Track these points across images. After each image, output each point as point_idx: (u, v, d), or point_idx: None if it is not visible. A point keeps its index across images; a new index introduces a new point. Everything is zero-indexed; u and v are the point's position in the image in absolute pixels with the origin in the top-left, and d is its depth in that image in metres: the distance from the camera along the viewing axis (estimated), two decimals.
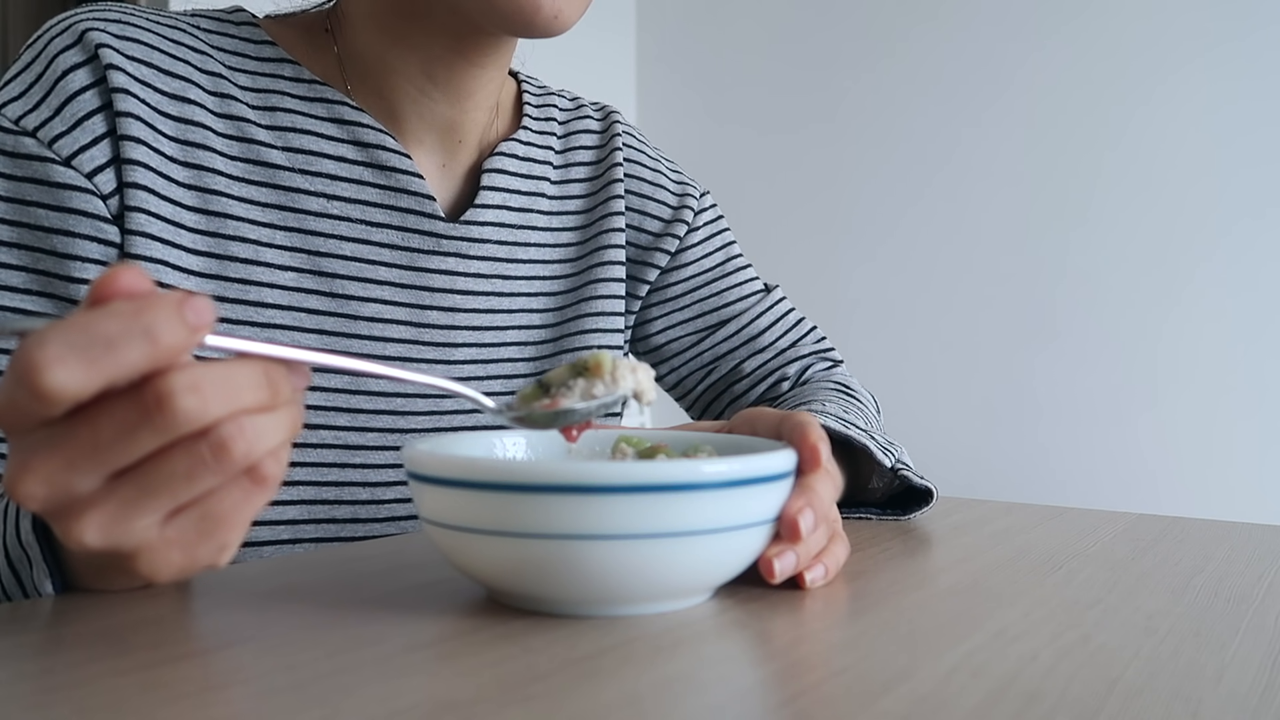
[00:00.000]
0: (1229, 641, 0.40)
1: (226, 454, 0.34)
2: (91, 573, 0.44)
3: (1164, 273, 2.39)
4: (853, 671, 0.36)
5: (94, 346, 0.31)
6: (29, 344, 0.31)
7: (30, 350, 0.31)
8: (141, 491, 0.34)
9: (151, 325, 0.32)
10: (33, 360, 0.31)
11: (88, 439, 0.33)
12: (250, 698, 0.32)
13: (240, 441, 0.34)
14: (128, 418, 0.33)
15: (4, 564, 0.47)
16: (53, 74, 0.61)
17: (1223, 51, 2.33)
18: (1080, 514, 0.69)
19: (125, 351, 0.32)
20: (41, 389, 0.31)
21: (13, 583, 0.47)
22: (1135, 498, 2.36)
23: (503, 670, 0.35)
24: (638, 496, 0.39)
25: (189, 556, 0.36)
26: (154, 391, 0.32)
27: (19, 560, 0.46)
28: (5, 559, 0.47)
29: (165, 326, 0.32)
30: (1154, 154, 2.40)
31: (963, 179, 2.61)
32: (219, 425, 0.34)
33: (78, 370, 0.31)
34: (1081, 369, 2.46)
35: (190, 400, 0.33)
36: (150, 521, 0.35)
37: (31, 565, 0.45)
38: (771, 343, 0.85)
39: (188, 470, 0.34)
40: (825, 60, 2.80)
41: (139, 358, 0.32)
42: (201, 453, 0.34)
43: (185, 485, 0.34)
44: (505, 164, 0.76)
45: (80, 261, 0.60)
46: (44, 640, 0.39)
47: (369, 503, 0.68)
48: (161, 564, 0.36)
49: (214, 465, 0.34)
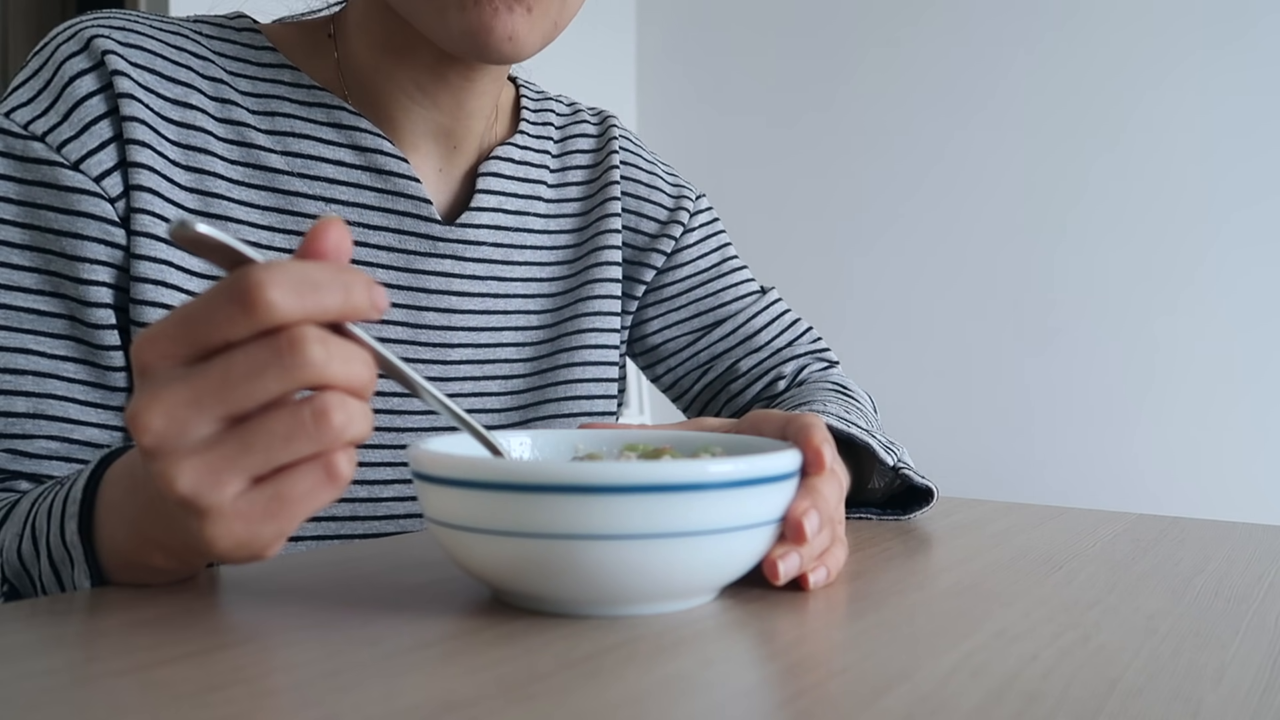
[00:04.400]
0: (1229, 642, 0.40)
1: (326, 422, 0.37)
2: (120, 570, 0.46)
3: (1163, 273, 2.39)
4: (853, 671, 0.36)
5: (305, 284, 0.36)
6: (253, 269, 0.35)
7: (254, 273, 0.35)
8: (242, 446, 0.37)
9: (350, 284, 0.37)
10: (257, 279, 0.35)
11: (219, 375, 0.36)
12: (250, 698, 0.32)
13: (340, 413, 0.37)
14: (260, 356, 0.36)
15: (46, 562, 0.48)
16: (60, 79, 0.62)
17: (1218, 51, 2.33)
18: (1080, 514, 0.69)
19: (326, 296, 0.36)
20: (258, 302, 0.35)
21: (52, 581, 0.48)
22: (1135, 498, 2.36)
23: (504, 670, 0.35)
24: (642, 496, 0.39)
25: (250, 532, 0.38)
26: (289, 335, 0.36)
27: (61, 560, 0.48)
28: (48, 558, 0.48)
29: (358, 291, 0.37)
30: (1152, 153, 2.40)
31: (962, 178, 2.61)
32: (322, 395, 0.37)
33: (291, 296, 0.35)
34: (1081, 369, 2.46)
35: (317, 349, 0.36)
36: (237, 481, 0.37)
37: (73, 565, 0.47)
38: (767, 342, 0.85)
39: (288, 431, 0.37)
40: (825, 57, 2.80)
41: (334, 305, 0.37)
42: (303, 416, 0.37)
43: (282, 446, 0.37)
44: (502, 168, 0.76)
45: (89, 263, 0.61)
46: (44, 640, 0.39)
47: (368, 500, 0.68)
48: (224, 532, 0.38)
49: (313, 431, 0.37)
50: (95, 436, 0.61)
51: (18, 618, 0.41)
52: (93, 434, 0.61)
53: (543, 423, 0.76)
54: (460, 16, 0.60)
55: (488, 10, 0.60)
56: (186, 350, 0.37)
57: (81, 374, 0.61)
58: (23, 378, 0.60)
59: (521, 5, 0.61)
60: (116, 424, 0.62)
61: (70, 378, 0.61)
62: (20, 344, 0.60)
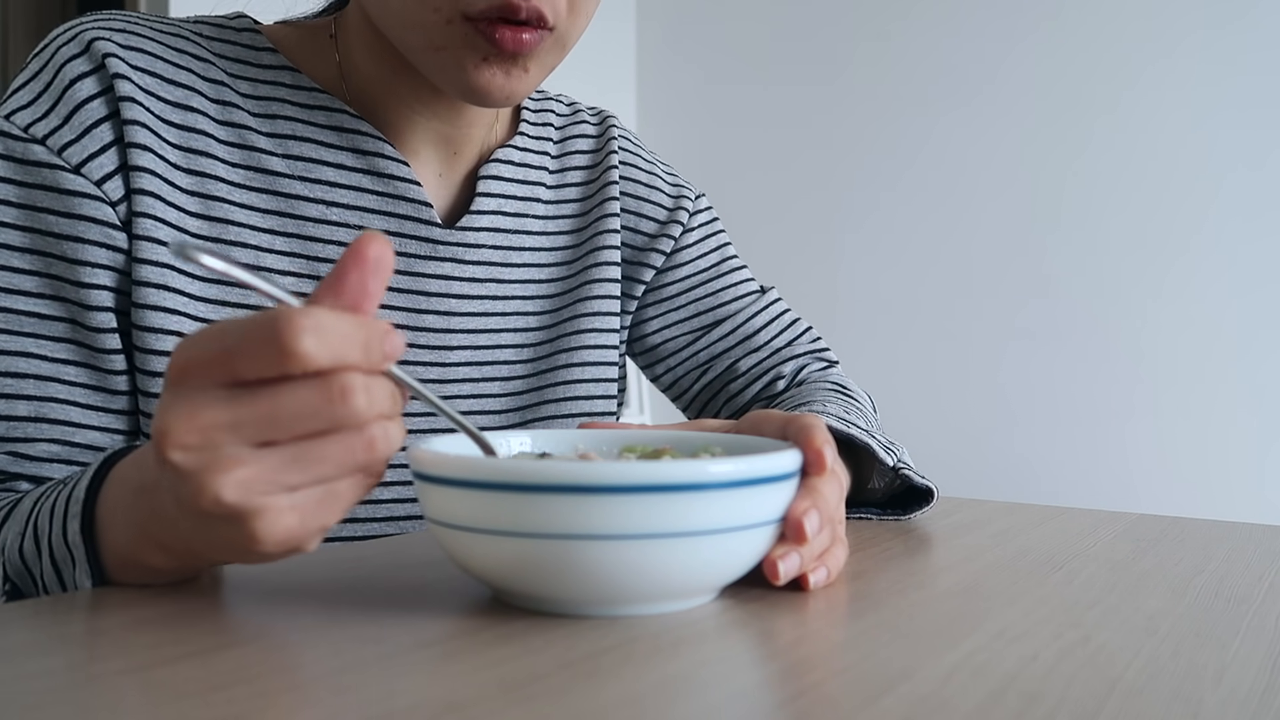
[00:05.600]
0: (1229, 642, 0.40)
1: (375, 452, 0.39)
2: (119, 569, 0.47)
3: (1164, 272, 2.39)
4: (853, 671, 0.36)
5: (335, 334, 0.38)
6: (292, 312, 0.37)
7: (293, 317, 0.37)
8: (295, 464, 0.38)
9: (369, 340, 0.39)
10: (297, 324, 0.37)
11: (266, 408, 0.38)
12: (250, 698, 0.32)
13: (384, 444, 0.39)
14: (312, 400, 0.38)
15: (48, 561, 0.49)
16: (60, 82, 0.62)
17: (1216, 51, 2.33)
18: (1080, 514, 0.69)
19: (348, 348, 0.38)
20: (294, 348, 0.37)
21: (54, 580, 0.49)
22: (1135, 498, 2.36)
23: (504, 670, 0.35)
24: (643, 496, 0.39)
25: (303, 525, 0.40)
26: (340, 384, 0.38)
27: (63, 559, 0.48)
28: (49, 557, 0.48)
29: (374, 344, 0.39)
30: (1153, 153, 2.40)
31: (964, 178, 2.61)
32: (371, 425, 0.39)
33: (322, 346, 0.37)
34: (1081, 369, 2.46)
35: (363, 399, 0.38)
36: (284, 489, 0.39)
37: (75, 565, 0.47)
38: (766, 342, 0.85)
39: (341, 457, 0.39)
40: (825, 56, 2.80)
41: (354, 358, 0.38)
42: (356, 446, 0.39)
43: (335, 468, 0.39)
44: (501, 170, 0.76)
45: (90, 267, 0.61)
46: (44, 640, 0.39)
47: (367, 502, 0.68)
48: (279, 526, 0.39)
49: (363, 456, 0.39)
50: (96, 439, 0.61)
51: (19, 617, 0.41)
52: (94, 437, 0.61)
53: (542, 423, 0.76)
54: (458, 75, 0.62)
55: (486, 74, 0.61)
56: (222, 377, 0.38)
57: (83, 377, 0.61)
58: (24, 381, 0.60)
59: (519, 67, 0.62)
60: (117, 427, 0.62)
61: (71, 381, 0.61)
62: (21, 347, 0.60)
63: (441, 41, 0.61)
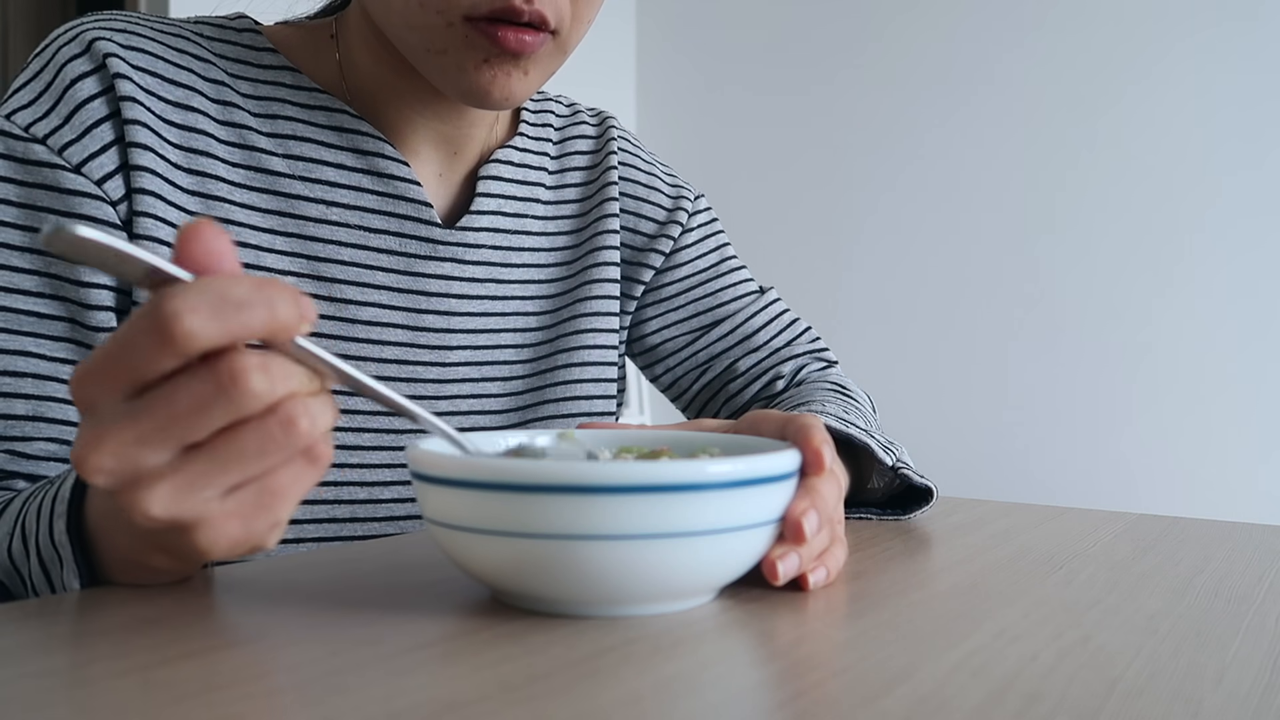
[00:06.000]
0: (1230, 642, 0.40)
1: (295, 430, 0.36)
2: (119, 570, 0.46)
3: (1164, 272, 2.39)
4: (853, 671, 0.36)
5: (226, 305, 0.34)
6: (168, 294, 0.34)
7: (169, 300, 0.34)
8: (213, 464, 0.36)
9: (274, 299, 0.35)
10: (173, 308, 0.33)
11: (163, 412, 0.35)
12: (250, 698, 0.32)
13: (305, 419, 0.36)
14: (203, 392, 0.35)
15: (35, 562, 0.48)
16: (61, 82, 0.62)
17: (1217, 51, 2.33)
18: (1080, 514, 0.69)
19: (250, 315, 0.34)
20: (176, 333, 0.33)
21: (42, 580, 0.48)
22: (1135, 498, 2.36)
23: (503, 670, 0.35)
24: (641, 497, 0.39)
25: (247, 529, 0.38)
26: (228, 368, 0.35)
27: (50, 560, 0.47)
28: (37, 557, 0.48)
29: (283, 305, 0.35)
30: (1154, 153, 2.40)
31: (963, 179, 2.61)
32: (283, 404, 0.36)
33: (210, 322, 0.34)
34: (1082, 370, 2.46)
35: (259, 379, 0.35)
36: (215, 494, 0.37)
37: (62, 565, 0.47)
38: (766, 342, 0.85)
39: (259, 446, 0.36)
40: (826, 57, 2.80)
41: (259, 324, 0.35)
42: (271, 429, 0.36)
43: (256, 460, 0.36)
44: (501, 171, 0.76)
45: (90, 267, 0.60)
46: (45, 640, 0.39)
47: (367, 502, 0.68)
48: (220, 536, 0.38)
49: (283, 441, 0.36)
50: None
51: (19, 617, 0.41)
52: None
53: (542, 424, 0.76)
54: (459, 77, 0.62)
55: (486, 76, 0.62)
56: (121, 384, 0.36)
57: None
58: (22, 380, 0.60)
59: (519, 69, 0.62)
60: None
61: (70, 380, 0.61)
62: (20, 346, 0.60)
63: (442, 44, 0.61)
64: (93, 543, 0.46)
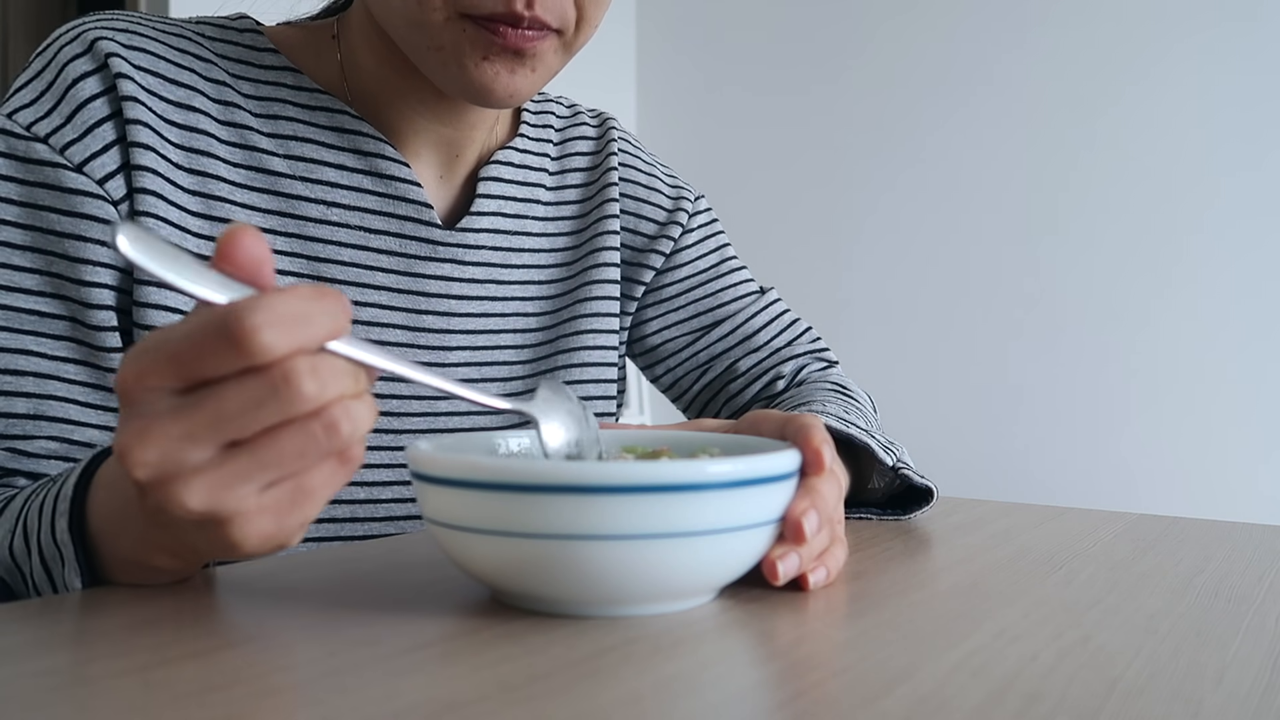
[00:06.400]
0: (1230, 642, 0.40)
1: (336, 433, 0.37)
2: (120, 569, 0.46)
3: (1164, 272, 2.39)
4: (853, 671, 0.36)
5: (296, 320, 0.36)
6: (242, 309, 0.35)
7: (244, 314, 0.35)
8: (253, 462, 0.37)
9: (334, 309, 0.37)
10: (253, 323, 0.35)
11: (213, 410, 0.36)
12: (250, 698, 0.32)
13: (347, 423, 0.38)
14: (256, 393, 0.36)
15: (37, 560, 0.48)
16: (63, 82, 0.62)
17: (1217, 51, 2.33)
18: (1080, 514, 0.69)
19: (317, 328, 0.37)
20: (254, 346, 0.35)
21: (43, 578, 0.48)
22: (1134, 498, 2.36)
23: (503, 670, 0.35)
24: (641, 497, 0.39)
25: (279, 525, 0.39)
26: (282, 371, 0.36)
27: (52, 558, 0.47)
28: (39, 555, 0.48)
29: (341, 316, 0.38)
30: (1154, 153, 2.40)
31: (963, 179, 2.61)
32: (329, 407, 0.37)
33: (284, 337, 0.36)
34: (1082, 370, 2.46)
35: (310, 383, 0.36)
36: (252, 490, 0.38)
37: (64, 563, 0.47)
38: (766, 342, 0.85)
39: (300, 447, 0.37)
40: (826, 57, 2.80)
41: (324, 335, 0.37)
42: (314, 431, 0.37)
43: (295, 460, 0.38)
44: (501, 172, 0.76)
45: (91, 265, 0.61)
46: (45, 640, 0.39)
47: (366, 502, 0.68)
48: (253, 531, 0.38)
49: (324, 443, 0.37)
50: (95, 438, 0.61)
51: (18, 617, 0.41)
52: (93, 435, 0.61)
53: None
54: (462, 74, 0.62)
55: (489, 73, 0.61)
56: (174, 383, 0.37)
57: (82, 375, 0.61)
58: (23, 378, 0.60)
59: (524, 67, 0.62)
60: (116, 425, 0.62)
61: (71, 379, 0.61)
62: (21, 345, 0.60)
63: (443, 40, 0.61)
64: (95, 542, 0.46)
